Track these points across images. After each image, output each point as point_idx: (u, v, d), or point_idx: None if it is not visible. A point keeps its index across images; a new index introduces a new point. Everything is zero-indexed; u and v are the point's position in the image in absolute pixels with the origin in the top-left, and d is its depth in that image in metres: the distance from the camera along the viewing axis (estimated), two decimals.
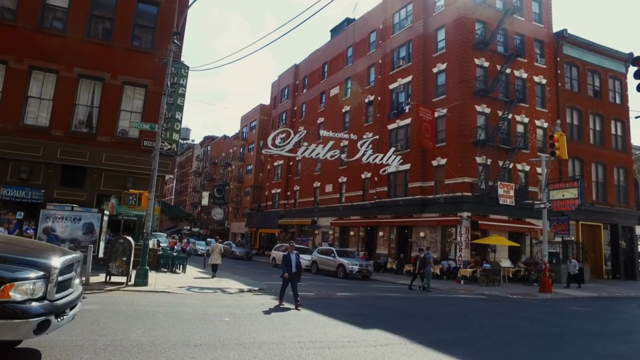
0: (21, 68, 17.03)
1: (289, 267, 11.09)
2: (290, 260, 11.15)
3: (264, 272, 24.06)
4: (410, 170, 28.25)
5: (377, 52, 33.75)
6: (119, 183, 17.70)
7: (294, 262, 11.14)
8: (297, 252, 11.75)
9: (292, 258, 11.18)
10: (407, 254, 27.79)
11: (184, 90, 19.06)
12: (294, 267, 11.13)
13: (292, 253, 11.32)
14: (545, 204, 19.55)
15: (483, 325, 10.27)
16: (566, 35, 29.05)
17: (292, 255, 11.25)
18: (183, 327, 7.71)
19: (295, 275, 11.14)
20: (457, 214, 24.32)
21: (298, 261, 11.24)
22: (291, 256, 11.22)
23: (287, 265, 11.10)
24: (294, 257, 11.23)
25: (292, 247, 11.70)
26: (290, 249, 11.51)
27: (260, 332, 7.76)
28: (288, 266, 11.10)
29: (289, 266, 11.10)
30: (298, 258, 11.32)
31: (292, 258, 11.18)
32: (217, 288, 14.21)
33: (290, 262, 11.12)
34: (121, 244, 12.93)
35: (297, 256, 11.36)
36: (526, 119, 27.27)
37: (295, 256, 11.26)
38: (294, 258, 11.20)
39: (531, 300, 16.63)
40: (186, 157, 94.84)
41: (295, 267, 11.12)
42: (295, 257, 11.24)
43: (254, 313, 9.82)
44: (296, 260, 11.19)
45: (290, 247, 11.73)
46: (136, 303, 10.04)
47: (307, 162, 41.72)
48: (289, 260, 11.14)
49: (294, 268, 11.13)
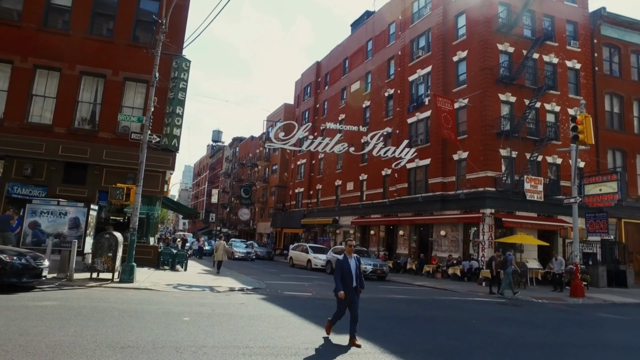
0: (26, 67, 17.27)
1: (347, 280, 6.96)
2: (348, 268, 7.01)
3: (275, 272, 23.36)
4: (431, 166, 26.71)
5: (397, 44, 32.37)
6: (120, 179, 17.48)
7: (354, 272, 7.02)
8: (358, 255, 7.48)
9: (352, 265, 7.05)
10: (427, 253, 26.27)
11: (186, 84, 18.74)
12: (354, 279, 7.01)
13: (350, 257, 7.13)
14: (575, 198, 17.60)
15: (482, 333, 8.97)
16: (604, 14, 26.46)
17: (350, 260, 7.09)
18: (128, 326, 7.04)
19: (356, 292, 7.05)
20: (480, 210, 22.60)
21: (359, 270, 7.14)
22: (350, 262, 7.06)
23: (344, 277, 6.97)
24: (354, 263, 7.08)
25: (351, 249, 7.25)
26: (348, 252, 7.21)
27: (212, 334, 6.95)
28: (345, 278, 6.96)
29: (346, 278, 6.97)
30: (359, 265, 7.21)
31: (351, 265, 7.04)
32: (207, 286, 13.60)
33: (350, 272, 6.98)
34: (107, 239, 12.57)
35: (358, 262, 7.20)
36: (557, 107, 25.04)
37: (355, 262, 7.11)
38: (354, 265, 7.07)
39: (558, 305, 14.87)
40: (217, 159, 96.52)
41: (355, 279, 7.02)
42: (355, 263, 7.10)
43: (224, 313, 9.05)
44: (357, 269, 7.08)
45: (348, 248, 7.27)
46: (104, 300, 9.53)
47: (329, 161, 40.90)
48: (347, 268, 7.01)
49: (354, 281, 7.00)
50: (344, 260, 7.11)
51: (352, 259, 7.14)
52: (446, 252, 24.89)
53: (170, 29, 18.57)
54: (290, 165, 51.11)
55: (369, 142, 20.25)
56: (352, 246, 7.29)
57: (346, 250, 7.29)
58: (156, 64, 14.06)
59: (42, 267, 10.24)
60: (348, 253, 7.19)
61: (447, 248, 25.12)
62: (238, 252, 33.06)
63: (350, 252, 7.19)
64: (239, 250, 33.63)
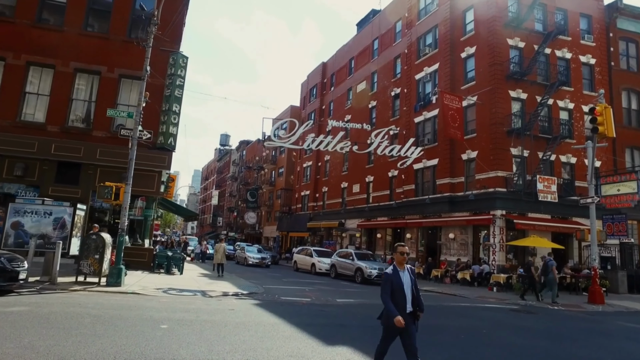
0: (19, 64, 16.81)
1: (398, 301, 4.87)
2: (399, 284, 4.91)
3: (278, 276, 22.59)
4: (438, 166, 25.76)
5: (403, 42, 31.57)
6: (114, 179, 16.80)
7: (408, 290, 4.95)
8: (412, 266, 5.75)
9: (405, 280, 4.95)
10: (435, 257, 25.27)
11: (182, 81, 18.15)
12: (408, 302, 4.93)
13: (402, 270, 5.00)
14: (592, 198, 16.53)
15: (495, 345, 8.08)
16: (621, 7, 25.34)
17: (402, 274, 4.98)
18: (94, 335, 6.31)
19: (412, 319, 4.95)
20: (490, 212, 21.58)
21: (416, 287, 5.05)
22: (402, 276, 4.96)
23: (394, 297, 4.86)
24: (408, 278, 4.99)
25: (403, 259, 5.06)
26: (399, 262, 5.03)
27: (187, 345, 6.19)
28: (395, 299, 4.86)
29: (397, 298, 4.87)
30: (415, 280, 5.09)
31: (403, 280, 4.94)
32: (199, 290, 12.86)
33: (402, 290, 4.90)
34: (93, 240, 11.92)
35: (413, 276, 5.08)
36: (571, 104, 23.95)
37: (409, 277, 5.01)
38: (408, 280, 4.98)
39: (575, 313, 13.83)
40: (224, 162, 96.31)
41: (410, 300, 4.94)
42: (410, 278, 5.01)
43: (208, 320, 8.28)
44: (412, 286, 5.00)
45: (399, 257, 5.05)
46: (81, 305, 8.82)
47: (335, 162, 40.15)
48: (398, 285, 4.90)
49: (409, 303, 4.93)
50: (394, 274, 4.92)
51: (405, 272, 4.97)
52: (455, 255, 23.88)
53: (167, 24, 18.06)
54: (297, 167, 50.46)
55: (374, 140, 19.38)
56: (404, 254, 5.03)
57: (396, 260, 5.06)
58: (147, 56, 13.44)
59: (20, 269, 9.60)
60: (399, 264, 4.99)
61: (456, 251, 24.10)
62: (251, 258, 29.43)
63: (401, 263, 5.00)
64: (252, 255, 29.80)
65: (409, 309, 4.92)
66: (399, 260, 5.06)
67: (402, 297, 4.89)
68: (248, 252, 30.26)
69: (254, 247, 32.70)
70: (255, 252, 30.72)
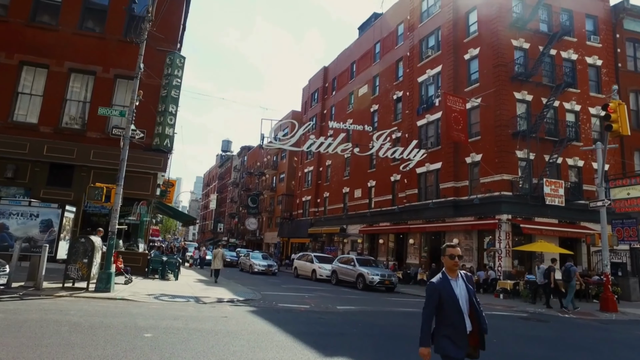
0: (12, 63, 16.44)
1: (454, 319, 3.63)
2: (452, 298, 3.65)
3: (277, 282, 21.93)
4: (442, 170, 25.18)
5: (405, 45, 31.16)
6: (108, 181, 16.29)
7: (464, 304, 3.67)
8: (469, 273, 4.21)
9: (459, 292, 3.70)
10: (439, 263, 24.58)
11: (179, 81, 17.74)
12: (467, 319, 3.66)
13: (454, 277, 3.78)
14: (603, 201, 15.91)
15: (507, 355, 7.46)
16: (627, 7, 24.86)
17: (455, 283, 3.75)
18: (66, 345, 5.75)
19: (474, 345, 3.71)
20: (495, 216, 20.95)
21: (476, 300, 3.74)
22: (455, 287, 3.72)
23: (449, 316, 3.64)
24: (464, 289, 3.75)
25: (455, 262, 3.80)
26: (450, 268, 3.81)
27: (169, 356, 5.63)
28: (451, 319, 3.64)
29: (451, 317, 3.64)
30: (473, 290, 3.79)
31: (457, 292, 3.69)
32: (193, 297, 12.28)
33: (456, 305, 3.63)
34: (82, 243, 11.40)
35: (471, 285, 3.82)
36: (577, 106, 23.39)
37: (465, 287, 3.76)
38: (464, 292, 3.73)
39: (588, 321, 13.15)
40: (226, 168, 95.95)
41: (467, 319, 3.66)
42: (466, 288, 3.75)
43: (197, 328, 7.70)
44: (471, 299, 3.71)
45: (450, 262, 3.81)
46: (63, 312, 8.26)
47: (336, 167, 39.63)
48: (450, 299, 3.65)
49: (467, 322, 3.65)
50: (443, 283, 3.67)
51: (459, 280, 3.73)
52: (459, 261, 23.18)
53: (165, 24, 17.70)
54: (298, 172, 49.98)
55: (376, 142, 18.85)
56: (454, 257, 3.76)
57: (445, 266, 3.82)
58: (141, 53, 13.01)
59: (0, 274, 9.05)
60: (449, 270, 3.77)
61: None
62: (257, 266, 27.40)
63: (453, 269, 3.76)
64: (257, 263, 27.75)
65: (469, 328, 3.62)
66: (449, 265, 3.78)
67: (457, 314, 3.59)
68: (253, 259, 28.44)
69: (259, 254, 30.84)
70: (260, 259, 28.82)
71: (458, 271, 3.81)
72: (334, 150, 18.22)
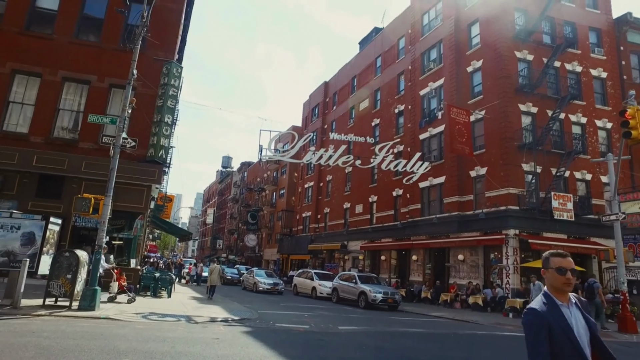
0: (4, 72, 15.96)
1: None
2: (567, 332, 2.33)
3: (276, 300, 21.01)
4: (446, 184, 24.53)
5: (407, 58, 30.94)
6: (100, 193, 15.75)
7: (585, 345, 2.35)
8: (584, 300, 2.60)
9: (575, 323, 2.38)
10: (443, 280, 23.71)
11: (176, 91, 17.25)
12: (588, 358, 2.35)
13: (566, 303, 2.43)
14: (617, 215, 15.20)
15: None
16: (630, 20, 24.64)
17: (568, 311, 2.41)
18: None
19: None
20: (502, 231, 20.20)
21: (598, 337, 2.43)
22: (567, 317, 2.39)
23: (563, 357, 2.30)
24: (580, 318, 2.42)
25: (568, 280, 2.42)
26: (559, 291, 2.44)
27: None
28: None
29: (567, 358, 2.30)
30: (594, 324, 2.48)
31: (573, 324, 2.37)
32: (185, 315, 11.48)
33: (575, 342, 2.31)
34: (66, 258, 10.68)
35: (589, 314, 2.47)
36: (583, 118, 22.90)
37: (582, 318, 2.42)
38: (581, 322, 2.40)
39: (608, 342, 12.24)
40: (226, 184, 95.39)
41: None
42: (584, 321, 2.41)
43: (183, 352, 6.92)
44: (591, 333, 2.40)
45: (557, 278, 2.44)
46: (34, 333, 7.49)
47: (337, 182, 39.02)
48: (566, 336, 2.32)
49: None
50: (552, 311, 2.40)
51: (573, 308, 2.47)
52: (465, 278, 22.34)
53: (161, 33, 17.34)
54: (298, 188, 49.34)
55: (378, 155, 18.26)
56: (565, 271, 2.45)
57: (550, 285, 2.52)
58: (134, 59, 12.54)
59: None
60: (558, 292, 2.48)
61: (466, 274, 22.58)
62: (262, 284, 25.40)
63: (564, 291, 2.47)
64: (262, 280, 25.75)
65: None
66: (557, 285, 2.47)
67: (576, 356, 2.33)
68: (257, 277, 26.40)
69: (262, 271, 29.02)
70: (264, 276, 26.85)
71: (571, 294, 2.50)
72: (335, 162, 17.62)
